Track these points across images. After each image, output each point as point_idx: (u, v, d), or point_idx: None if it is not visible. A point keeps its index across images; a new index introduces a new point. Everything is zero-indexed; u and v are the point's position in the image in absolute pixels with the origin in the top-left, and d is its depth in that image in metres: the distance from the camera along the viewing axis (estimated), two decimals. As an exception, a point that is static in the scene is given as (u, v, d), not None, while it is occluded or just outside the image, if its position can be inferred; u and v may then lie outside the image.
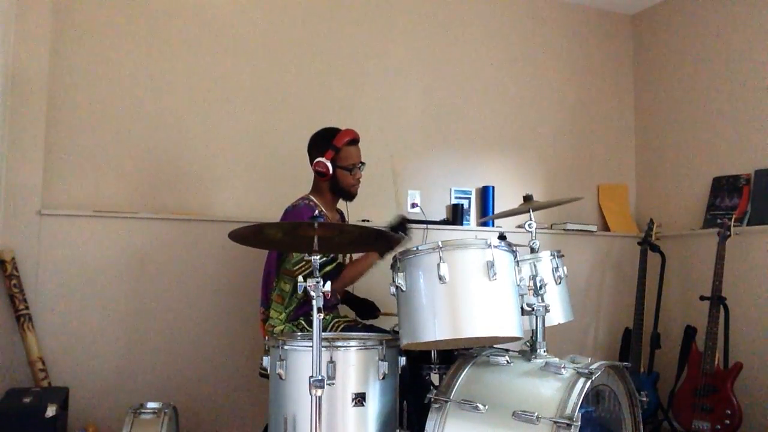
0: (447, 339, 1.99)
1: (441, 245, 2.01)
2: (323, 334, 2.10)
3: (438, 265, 1.99)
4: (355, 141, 2.71)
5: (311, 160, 2.71)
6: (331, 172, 2.64)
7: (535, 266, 2.36)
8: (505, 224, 3.79)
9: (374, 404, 2.08)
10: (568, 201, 2.90)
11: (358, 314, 2.89)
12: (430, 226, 3.65)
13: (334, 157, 2.65)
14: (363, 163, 2.74)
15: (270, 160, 3.45)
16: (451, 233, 3.72)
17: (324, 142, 2.67)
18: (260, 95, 3.47)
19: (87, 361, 3.03)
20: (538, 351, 2.12)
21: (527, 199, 2.77)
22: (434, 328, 1.99)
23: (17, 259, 2.90)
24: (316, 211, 2.63)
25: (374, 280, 2.69)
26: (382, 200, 3.66)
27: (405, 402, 2.24)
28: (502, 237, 2.45)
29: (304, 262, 2.52)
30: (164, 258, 3.20)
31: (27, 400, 2.47)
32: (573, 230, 4.07)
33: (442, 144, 3.88)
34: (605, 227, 4.25)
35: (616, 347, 3.97)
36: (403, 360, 2.17)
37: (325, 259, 2.55)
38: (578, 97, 4.30)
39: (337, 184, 2.70)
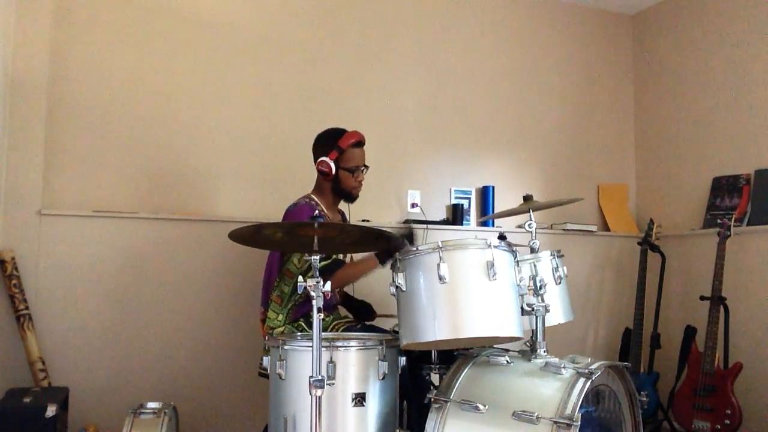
0: (447, 339, 1.99)
1: (441, 245, 2.01)
2: (323, 334, 2.09)
3: (438, 265, 1.99)
4: (360, 143, 2.69)
5: (315, 159, 2.71)
6: (333, 172, 2.64)
7: (535, 266, 2.36)
8: (505, 224, 3.79)
9: (374, 404, 2.08)
10: (567, 202, 2.89)
11: (354, 316, 2.89)
12: (430, 226, 3.65)
13: (337, 158, 2.64)
14: (366, 166, 2.73)
15: (270, 160, 3.45)
16: (451, 233, 3.72)
17: (329, 142, 2.67)
18: (260, 95, 3.47)
19: (87, 361, 3.03)
20: (538, 351, 2.12)
21: (527, 199, 2.77)
22: (434, 328, 1.99)
23: (17, 259, 2.90)
24: (316, 211, 2.62)
25: (374, 281, 2.69)
26: (383, 200, 3.67)
27: (405, 402, 2.24)
28: (502, 237, 2.45)
29: (305, 261, 2.52)
30: (164, 258, 3.20)
31: (27, 400, 2.46)
32: (573, 230, 4.07)
33: (442, 144, 3.88)
34: (605, 227, 4.25)
35: (616, 347, 3.97)
36: (403, 360, 2.17)
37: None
38: (578, 97, 4.31)
39: (338, 185, 2.69)
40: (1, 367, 2.84)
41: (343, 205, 2.85)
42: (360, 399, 2.05)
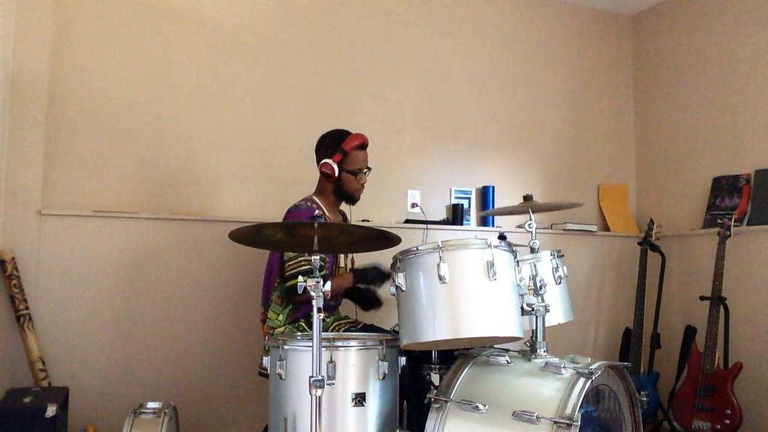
0: (447, 339, 1.99)
1: (441, 245, 2.01)
2: (323, 334, 2.09)
3: (438, 265, 1.99)
4: (364, 146, 2.70)
5: (318, 160, 2.71)
6: (336, 174, 2.64)
7: (535, 266, 2.36)
8: (505, 224, 3.79)
9: (374, 404, 2.08)
10: (567, 206, 2.88)
11: (361, 306, 2.86)
12: (430, 226, 3.65)
13: (341, 160, 2.64)
14: (369, 169, 2.74)
15: (270, 160, 3.45)
16: (451, 233, 3.72)
17: (333, 143, 2.67)
18: (260, 95, 3.47)
19: (87, 361, 3.03)
20: (538, 351, 2.13)
21: (527, 198, 2.77)
22: (434, 328, 1.99)
23: (17, 259, 2.90)
24: (317, 212, 2.62)
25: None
26: (383, 200, 3.67)
27: (405, 402, 2.24)
28: (502, 237, 2.45)
29: (295, 262, 2.52)
30: (164, 258, 3.20)
31: (27, 400, 2.46)
32: (573, 230, 4.07)
33: (442, 144, 3.88)
34: (605, 227, 4.25)
35: (616, 347, 3.97)
36: (403, 360, 2.17)
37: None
38: (578, 97, 4.31)
39: (341, 187, 2.70)
40: (1, 367, 2.84)
41: (344, 206, 2.85)
42: (360, 399, 2.05)
